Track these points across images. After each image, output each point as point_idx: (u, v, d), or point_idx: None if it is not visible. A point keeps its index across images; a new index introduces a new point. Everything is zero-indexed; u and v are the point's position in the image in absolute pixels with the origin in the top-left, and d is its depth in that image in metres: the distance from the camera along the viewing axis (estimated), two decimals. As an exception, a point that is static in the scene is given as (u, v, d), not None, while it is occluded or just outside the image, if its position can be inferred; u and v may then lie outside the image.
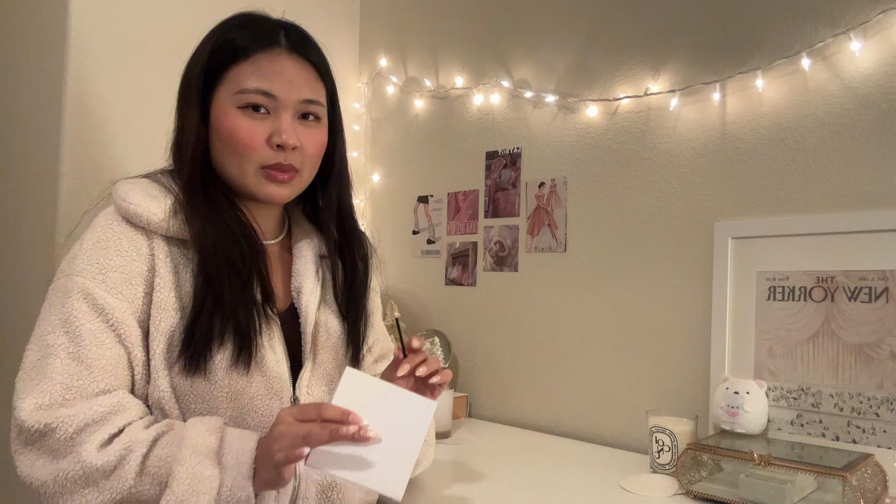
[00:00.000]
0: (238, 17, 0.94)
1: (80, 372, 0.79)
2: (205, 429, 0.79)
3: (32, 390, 0.77)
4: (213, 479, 0.75)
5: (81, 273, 0.82)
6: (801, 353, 1.17)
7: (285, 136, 0.88)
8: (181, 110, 0.93)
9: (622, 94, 1.47)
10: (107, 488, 0.75)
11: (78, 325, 0.80)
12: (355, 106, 2.08)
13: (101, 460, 0.75)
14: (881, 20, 1.14)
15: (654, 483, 1.12)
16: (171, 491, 0.74)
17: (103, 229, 0.86)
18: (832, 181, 1.19)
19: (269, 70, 0.89)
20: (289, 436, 0.75)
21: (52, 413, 0.76)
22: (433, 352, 1.67)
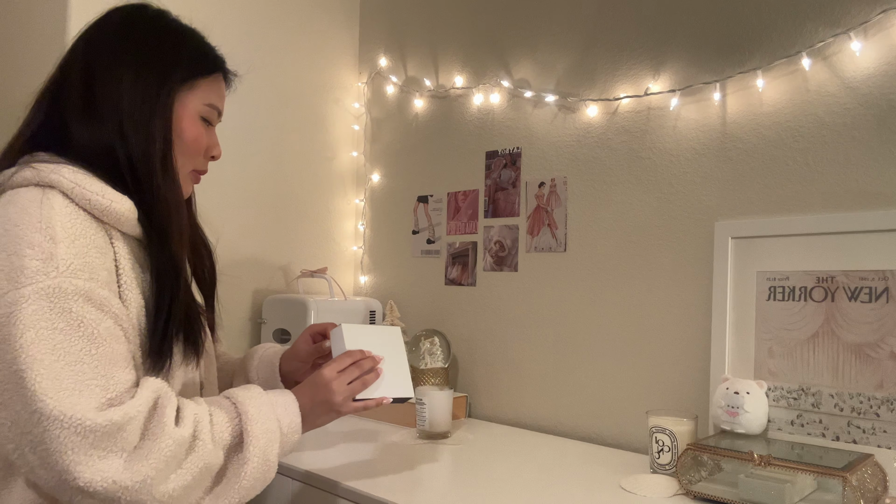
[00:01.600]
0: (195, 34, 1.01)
1: (112, 371, 0.78)
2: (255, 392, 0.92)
3: (80, 394, 0.74)
4: (276, 431, 0.90)
5: (75, 274, 0.78)
6: (801, 353, 1.17)
7: (218, 151, 1.02)
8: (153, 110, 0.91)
9: (622, 93, 1.47)
10: (190, 462, 0.81)
11: (93, 328, 0.78)
12: (355, 106, 2.08)
13: (182, 433, 0.80)
14: (881, 20, 1.14)
15: (653, 483, 1.12)
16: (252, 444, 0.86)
17: (73, 223, 0.80)
18: (832, 181, 1.19)
19: (221, 92, 1.02)
20: (345, 389, 0.99)
21: (110, 414, 0.75)
22: (433, 352, 1.67)
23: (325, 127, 2.00)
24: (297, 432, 0.94)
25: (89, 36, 0.94)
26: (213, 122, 1.00)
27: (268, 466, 0.88)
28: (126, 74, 0.90)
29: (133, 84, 0.90)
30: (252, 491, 0.87)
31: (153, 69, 0.92)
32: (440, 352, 1.67)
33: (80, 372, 0.75)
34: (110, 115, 0.88)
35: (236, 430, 0.87)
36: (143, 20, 0.96)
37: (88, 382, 0.75)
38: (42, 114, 0.92)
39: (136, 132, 0.89)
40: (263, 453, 0.87)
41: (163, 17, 0.98)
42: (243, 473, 0.85)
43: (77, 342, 0.76)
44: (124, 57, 0.91)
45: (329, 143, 2.02)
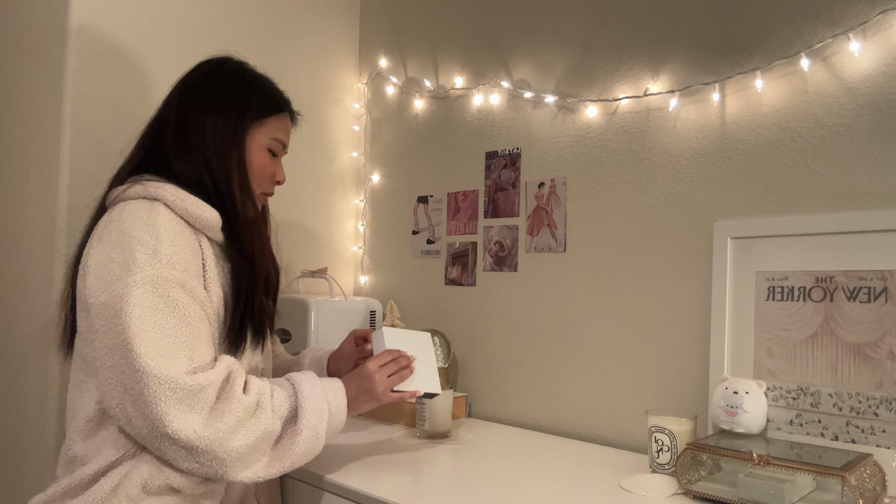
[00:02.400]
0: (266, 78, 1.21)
1: (197, 346, 0.96)
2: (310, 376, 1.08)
3: (173, 360, 0.92)
4: (326, 410, 1.05)
5: (174, 266, 0.97)
6: (800, 353, 1.17)
7: (283, 177, 1.22)
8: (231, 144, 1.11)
9: (622, 94, 1.47)
10: (253, 425, 0.97)
11: (184, 310, 0.96)
12: (355, 106, 2.08)
13: (249, 400, 0.97)
14: (880, 21, 1.14)
15: (653, 483, 1.12)
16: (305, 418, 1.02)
17: (173, 226, 1.00)
18: (831, 181, 1.19)
19: (287, 128, 1.22)
20: (385, 380, 1.14)
21: (195, 378, 0.93)
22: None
23: (325, 127, 2.01)
24: (343, 413, 1.08)
25: (182, 85, 1.16)
26: (279, 153, 1.20)
27: (317, 439, 1.03)
28: (209, 116, 1.10)
29: (214, 124, 1.10)
30: (303, 458, 1.02)
31: (230, 111, 1.12)
32: (440, 352, 1.67)
33: (174, 343, 0.93)
34: (198, 149, 1.09)
35: (292, 405, 1.03)
36: (223, 71, 1.17)
37: (179, 352, 0.93)
38: (145, 148, 1.12)
39: (217, 163, 1.09)
40: (314, 427, 1.02)
41: (240, 67, 1.19)
42: (296, 442, 1.01)
43: (171, 320, 0.94)
44: (207, 101, 1.12)
45: (329, 143, 2.02)
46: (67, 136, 1.44)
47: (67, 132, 1.44)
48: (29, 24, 1.57)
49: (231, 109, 1.12)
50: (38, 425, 1.46)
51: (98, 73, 1.48)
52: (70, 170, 1.43)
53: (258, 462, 0.99)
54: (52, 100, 1.47)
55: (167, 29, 1.59)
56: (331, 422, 1.06)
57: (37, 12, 1.54)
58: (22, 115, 1.58)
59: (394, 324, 1.76)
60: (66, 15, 1.44)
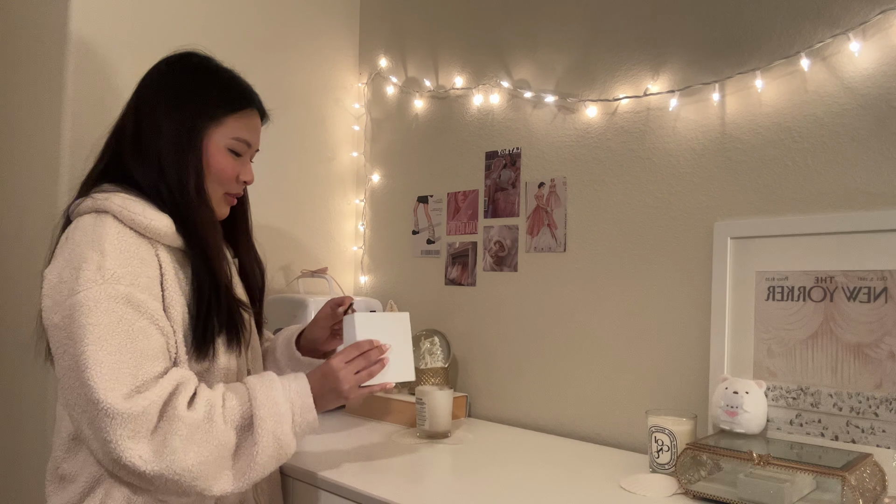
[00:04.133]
0: (227, 72, 1.14)
1: (143, 363, 0.93)
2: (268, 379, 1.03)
3: (112, 383, 0.89)
4: (287, 413, 1.00)
5: (119, 281, 0.94)
6: (800, 353, 1.17)
7: (249, 177, 1.15)
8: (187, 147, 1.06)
9: (622, 94, 1.47)
10: (203, 440, 0.93)
11: (129, 324, 0.93)
12: (355, 106, 2.08)
13: (194, 416, 0.93)
14: (880, 21, 1.14)
15: (653, 482, 1.12)
16: (260, 426, 0.97)
17: (119, 240, 0.97)
18: (831, 181, 1.19)
19: (252, 125, 1.13)
20: (352, 378, 1.09)
21: (133, 402, 0.90)
22: (433, 352, 1.67)
23: (325, 127, 2.01)
24: (310, 411, 1.04)
25: (140, 84, 1.11)
26: (243, 153, 1.12)
27: (280, 445, 0.99)
28: (163, 119, 1.05)
29: (168, 128, 1.05)
30: (271, 465, 0.99)
31: (184, 113, 1.06)
32: (440, 352, 1.67)
33: (118, 362, 0.91)
34: (152, 154, 1.05)
35: (246, 413, 0.99)
36: (179, 69, 1.11)
37: (123, 372, 0.91)
38: (108, 153, 1.09)
39: (172, 169, 1.04)
40: (273, 433, 0.98)
41: (199, 64, 1.12)
42: (256, 452, 0.97)
43: (116, 337, 0.92)
44: (162, 103, 1.06)
45: (329, 143, 2.02)
46: (67, 138, 1.44)
47: (67, 133, 1.44)
48: (29, 26, 1.57)
49: (185, 111, 1.06)
50: (38, 425, 1.46)
51: (98, 75, 1.48)
52: (70, 171, 1.43)
53: (223, 475, 0.95)
54: (53, 101, 1.47)
55: (167, 30, 1.59)
56: (297, 422, 1.02)
57: (37, 16, 1.54)
58: (22, 117, 1.58)
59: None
60: (66, 17, 1.44)
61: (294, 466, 1.20)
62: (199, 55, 1.13)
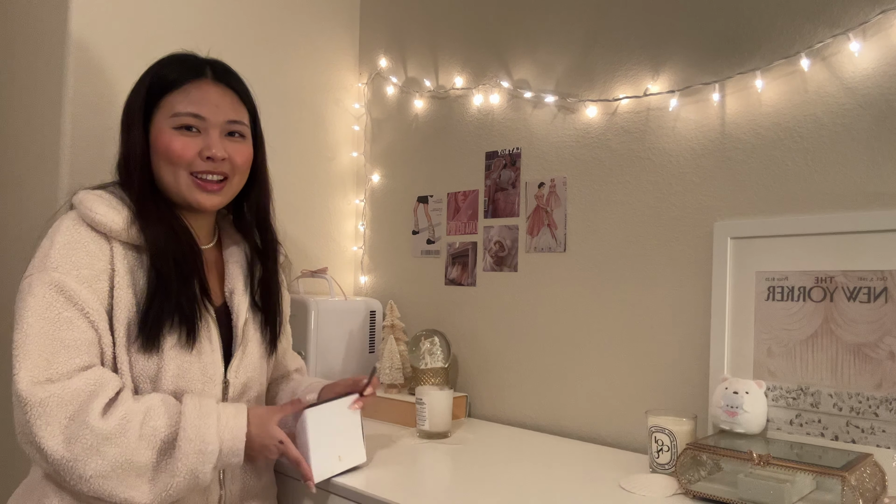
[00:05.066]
0: (169, 57, 1.11)
1: (59, 352, 0.93)
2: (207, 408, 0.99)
3: (24, 366, 0.91)
4: (214, 451, 0.97)
5: (57, 269, 0.96)
6: (800, 353, 1.17)
7: (214, 149, 1.06)
8: (126, 136, 1.08)
9: (622, 94, 1.47)
10: (111, 454, 0.90)
11: (56, 312, 0.94)
12: (355, 106, 2.08)
13: (104, 426, 0.90)
14: (880, 21, 1.14)
15: (653, 483, 1.12)
16: (181, 461, 0.94)
17: (70, 232, 0.99)
18: (831, 181, 1.19)
19: (197, 96, 1.06)
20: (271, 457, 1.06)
21: (44, 388, 0.90)
22: (433, 352, 1.67)
23: (325, 127, 2.01)
24: (236, 455, 1.00)
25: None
26: (194, 125, 1.06)
27: (196, 481, 0.97)
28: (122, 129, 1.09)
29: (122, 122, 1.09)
30: (180, 494, 0.97)
31: (128, 105, 1.09)
32: (440, 352, 1.67)
33: (38, 346, 0.92)
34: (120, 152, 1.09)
35: (170, 438, 0.96)
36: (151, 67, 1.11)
37: (38, 357, 0.91)
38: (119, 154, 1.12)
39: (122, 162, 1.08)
40: (192, 471, 0.96)
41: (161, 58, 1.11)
42: (171, 484, 0.95)
43: (40, 322, 0.93)
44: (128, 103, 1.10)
45: (329, 143, 2.02)
46: (68, 138, 1.44)
47: (68, 134, 1.44)
48: (29, 27, 1.57)
49: (128, 104, 1.09)
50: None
51: (98, 75, 1.48)
52: (70, 170, 1.43)
53: (135, 488, 0.92)
54: (53, 101, 1.47)
55: (167, 30, 1.59)
56: (222, 461, 0.99)
57: (37, 16, 1.54)
58: (22, 117, 1.58)
59: (393, 324, 1.75)
60: (66, 18, 1.44)
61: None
62: (175, 53, 1.12)
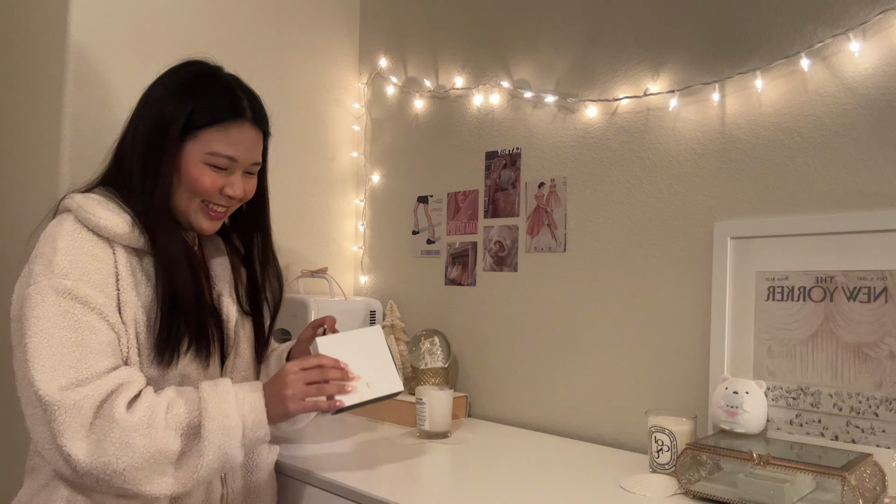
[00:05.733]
0: (209, 78, 1.09)
1: (86, 356, 0.93)
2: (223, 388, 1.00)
3: (47, 375, 0.90)
4: (238, 427, 0.97)
5: (67, 276, 0.95)
6: (800, 353, 1.17)
7: (236, 190, 1.10)
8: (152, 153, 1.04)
9: (622, 94, 1.47)
10: (141, 445, 0.91)
11: (76, 318, 0.94)
12: (355, 106, 2.08)
13: (132, 420, 0.91)
14: (880, 21, 1.14)
15: (653, 483, 1.12)
16: (208, 439, 0.95)
17: (73, 237, 0.98)
18: (831, 181, 1.19)
19: (236, 139, 1.07)
20: (300, 387, 1.02)
21: (74, 392, 0.90)
22: (433, 352, 1.67)
23: (325, 127, 2.01)
24: (261, 427, 1.01)
25: (146, 90, 1.10)
26: (225, 166, 1.07)
27: (226, 458, 0.97)
28: (141, 122, 1.06)
29: (143, 130, 1.05)
30: (210, 476, 0.98)
31: (160, 119, 1.05)
32: (440, 352, 1.67)
33: (60, 355, 0.91)
34: (128, 156, 1.06)
35: (193, 420, 0.96)
36: (175, 75, 1.09)
37: (63, 364, 0.91)
38: (111, 156, 1.11)
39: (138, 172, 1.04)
40: (220, 447, 0.96)
41: (195, 72, 1.10)
42: (201, 464, 0.95)
43: (60, 330, 0.92)
44: (146, 107, 1.07)
45: (329, 143, 2.02)
46: (67, 138, 1.44)
47: (67, 134, 1.44)
48: (30, 29, 1.57)
49: (162, 118, 1.04)
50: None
51: (98, 77, 1.48)
52: (70, 170, 1.43)
53: (160, 479, 0.94)
54: (53, 102, 1.47)
55: (167, 32, 1.59)
56: (247, 436, 0.99)
57: (37, 18, 1.54)
58: (22, 117, 1.58)
59: (393, 324, 1.75)
60: (66, 20, 1.44)
61: (293, 466, 1.20)
62: (203, 63, 1.11)
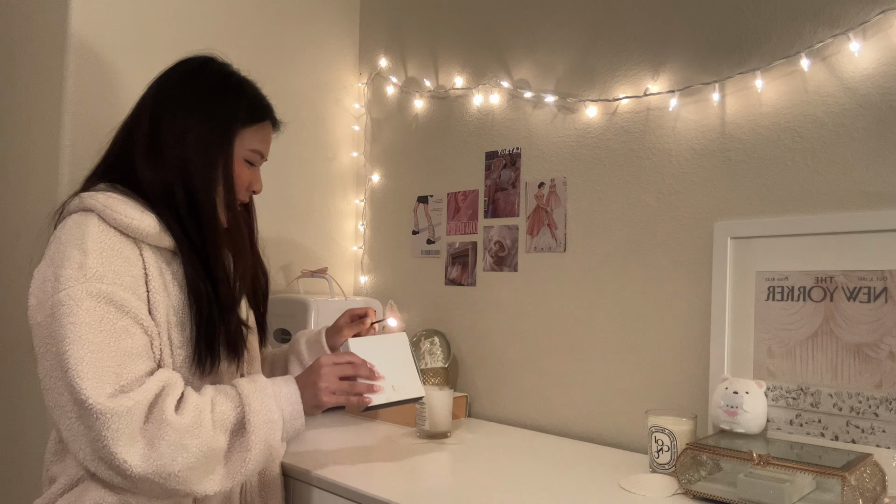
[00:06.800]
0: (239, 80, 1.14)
1: (126, 362, 0.92)
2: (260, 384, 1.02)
3: (91, 382, 0.88)
4: (279, 420, 1.01)
5: (102, 279, 0.93)
6: (800, 353, 1.17)
7: (260, 186, 1.16)
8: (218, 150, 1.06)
9: (622, 94, 1.47)
10: (193, 446, 0.92)
11: (112, 323, 0.92)
12: (355, 106, 2.08)
13: (183, 421, 0.92)
14: (880, 21, 1.14)
15: (653, 482, 1.12)
16: (254, 433, 0.97)
17: (102, 238, 0.96)
18: (831, 181, 1.19)
19: (267, 138, 1.16)
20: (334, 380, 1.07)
21: (125, 399, 0.89)
22: (433, 352, 1.67)
23: (325, 127, 2.01)
24: (299, 418, 1.04)
25: (160, 84, 1.10)
26: (257, 163, 1.15)
27: (271, 451, 1.00)
28: (190, 122, 1.05)
29: (195, 132, 1.05)
30: (256, 469, 1.00)
31: (215, 118, 1.06)
32: (440, 352, 1.67)
33: (100, 360, 0.89)
34: (172, 158, 1.04)
35: (239, 417, 0.98)
36: (205, 73, 1.11)
37: (106, 370, 0.89)
38: (116, 150, 1.08)
39: (199, 174, 1.04)
40: (265, 440, 0.99)
41: (223, 70, 1.13)
42: (249, 458, 0.97)
43: (98, 335, 0.90)
44: (187, 106, 1.06)
45: (329, 143, 2.02)
46: (67, 138, 1.44)
47: (67, 133, 1.44)
48: (29, 26, 1.57)
49: (216, 116, 1.07)
50: (38, 426, 1.46)
51: (98, 75, 1.48)
52: (70, 170, 1.43)
53: (211, 476, 0.95)
54: (53, 101, 1.47)
55: (167, 30, 1.59)
56: (286, 429, 1.03)
57: (37, 15, 1.54)
58: (22, 117, 1.58)
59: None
60: (66, 17, 1.44)
61: (294, 466, 1.20)
62: (219, 62, 1.14)
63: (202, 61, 1.12)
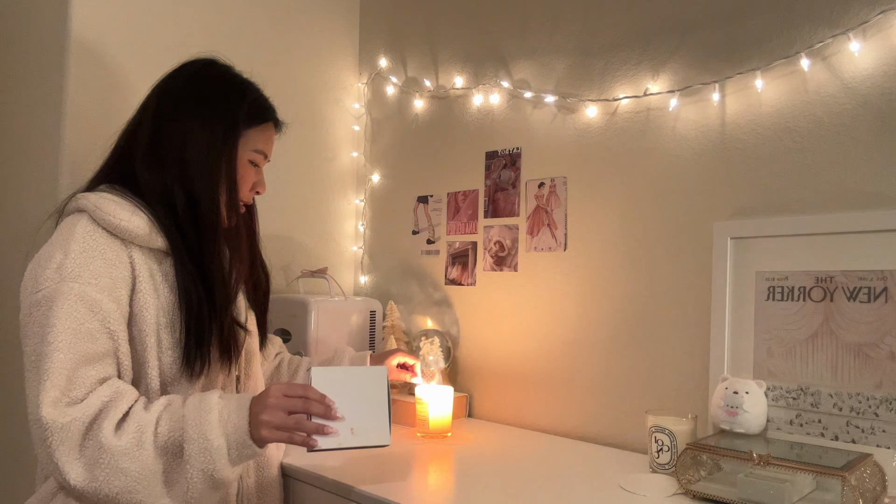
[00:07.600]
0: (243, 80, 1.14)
1: (81, 365, 0.91)
2: (209, 403, 0.94)
3: (47, 385, 0.88)
4: (221, 447, 0.92)
5: (77, 279, 0.93)
6: (800, 353, 1.17)
7: (264, 188, 1.17)
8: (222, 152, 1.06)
9: (621, 94, 1.47)
10: (132, 469, 0.89)
11: (79, 323, 0.91)
12: (355, 106, 2.08)
13: (120, 444, 0.89)
14: (880, 21, 1.14)
15: (653, 483, 1.12)
16: (188, 463, 0.90)
17: (86, 239, 0.96)
18: (831, 181, 1.19)
19: (271, 138, 1.17)
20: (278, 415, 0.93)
21: (65, 413, 0.88)
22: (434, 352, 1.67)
23: (325, 127, 2.01)
24: (248, 447, 0.93)
25: (163, 87, 1.10)
26: (260, 164, 1.15)
27: (213, 480, 0.92)
28: (193, 123, 1.05)
29: (199, 135, 1.04)
30: (204, 497, 0.93)
31: (218, 120, 1.06)
32: (440, 352, 1.67)
33: (62, 361, 0.89)
34: (173, 159, 1.04)
35: (176, 441, 0.92)
36: (208, 75, 1.11)
37: (61, 375, 0.89)
38: (119, 151, 1.09)
39: (201, 176, 1.04)
40: (203, 472, 0.91)
41: (226, 72, 1.13)
42: (188, 487, 0.92)
43: (68, 336, 0.90)
44: (190, 108, 1.06)
45: (329, 143, 2.02)
46: (67, 138, 1.44)
47: (67, 133, 1.44)
48: (30, 27, 1.57)
49: (219, 118, 1.07)
50: (38, 425, 1.45)
51: (98, 75, 1.48)
52: (70, 171, 1.43)
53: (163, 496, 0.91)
54: (53, 101, 1.47)
55: (167, 30, 1.59)
56: (234, 456, 0.93)
57: (37, 16, 1.54)
58: (22, 117, 1.58)
59: (394, 325, 1.75)
60: (67, 18, 1.44)
61: (294, 466, 1.20)
62: (222, 64, 1.14)
63: (205, 63, 1.13)
